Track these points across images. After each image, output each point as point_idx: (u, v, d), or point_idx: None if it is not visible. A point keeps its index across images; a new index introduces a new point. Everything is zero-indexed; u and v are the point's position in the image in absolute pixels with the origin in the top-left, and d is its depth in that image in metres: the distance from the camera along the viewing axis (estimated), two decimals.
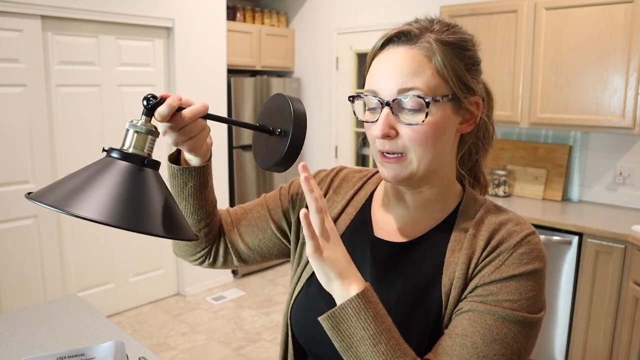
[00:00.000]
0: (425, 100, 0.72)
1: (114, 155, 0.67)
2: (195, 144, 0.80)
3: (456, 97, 0.75)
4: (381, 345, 0.67)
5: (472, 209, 0.81)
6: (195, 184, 0.87)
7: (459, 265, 0.75)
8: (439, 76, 0.73)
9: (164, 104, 0.72)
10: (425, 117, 0.72)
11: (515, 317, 0.70)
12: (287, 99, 0.81)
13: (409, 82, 0.72)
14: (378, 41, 0.78)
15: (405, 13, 3.72)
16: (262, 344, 3.16)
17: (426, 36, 0.75)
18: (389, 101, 0.73)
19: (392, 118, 0.73)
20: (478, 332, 0.70)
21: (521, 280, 0.72)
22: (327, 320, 0.70)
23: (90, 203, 0.61)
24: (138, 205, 0.64)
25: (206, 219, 0.91)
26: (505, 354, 0.69)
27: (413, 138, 0.73)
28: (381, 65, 0.76)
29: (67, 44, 3.11)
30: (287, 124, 0.80)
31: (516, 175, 3.31)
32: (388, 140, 0.74)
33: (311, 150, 4.72)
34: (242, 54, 4.20)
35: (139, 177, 0.66)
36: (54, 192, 0.63)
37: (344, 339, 0.69)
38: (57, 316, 1.54)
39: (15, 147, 2.93)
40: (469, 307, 0.72)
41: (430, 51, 0.73)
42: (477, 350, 0.69)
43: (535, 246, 0.74)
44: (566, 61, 2.81)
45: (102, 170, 0.65)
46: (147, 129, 0.70)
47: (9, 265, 2.96)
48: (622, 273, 2.46)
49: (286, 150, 0.79)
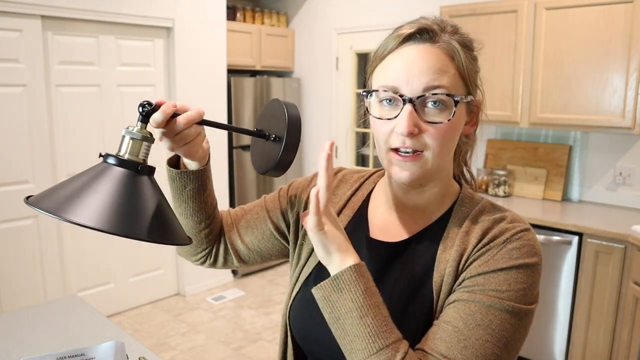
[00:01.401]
0: (455, 99, 0.72)
1: (110, 161, 0.70)
2: (190, 149, 0.81)
3: (471, 98, 0.76)
4: (368, 318, 0.67)
5: (468, 207, 0.81)
6: (194, 187, 0.88)
7: (450, 262, 0.76)
8: (460, 76, 0.74)
9: (159, 111, 0.73)
10: (452, 116, 0.72)
11: (502, 305, 0.70)
12: (282, 104, 0.82)
13: (436, 80, 0.72)
14: (394, 37, 0.76)
15: (405, 13, 3.72)
16: (262, 344, 3.16)
17: (444, 35, 0.75)
18: (412, 98, 0.72)
19: (415, 115, 0.73)
20: (461, 317, 0.70)
21: (510, 273, 0.71)
22: (319, 289, 0.71)
23: (84, 209, 0.63)
24: (130, 212, 0.66)
25: (206, 221, 0.92)
26: (489, 340, 0.69)
27: (435, 136, 0.73)
28: (402, 61, 0.74)
29: (67, 44, 3.11)
30: (282, 130, 0.81)
31: (516, 175, 3.31)
32: (410, 137, 0.73)
33: (311, 150, 4.72)
34: (242, 54, 4.20)
35: (133, 183, 0.68)
36: (51, 197, 0.65)
37: (334, 310, 0.69)
38: (57, 316, 1.54)
39: (15, 147, 2.93)
40: (456, 298, 0.73)
41: (453, 51, 0.74)
42: (457, 334, 0.69)
43: (527, 242, 0.74)
44: (566, 61, 2.81)
45: (98, 176, 0.68)
46: (143, 135, 0.71)
47: (9, 265, 2.96)
48: (622, 273, 2.46)
49: (280, 156, 0.80)
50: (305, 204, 0.94)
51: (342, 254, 0.71)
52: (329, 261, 0.72)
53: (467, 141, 0.85)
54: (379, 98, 0.76)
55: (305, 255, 0.90)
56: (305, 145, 4.76)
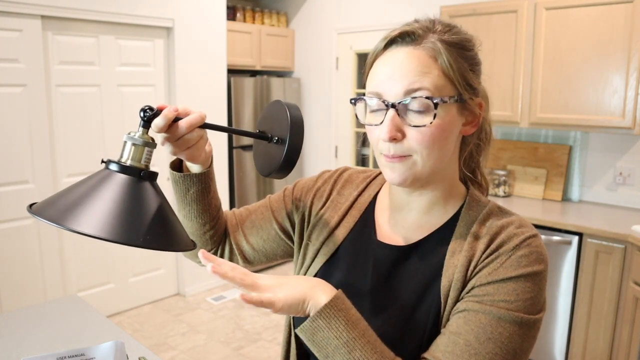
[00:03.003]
0: (434, 101, 0.71)
1: (112, 167, 0.69)
2: (193, 153, 0.81)
3: (462, 98, 0.74)
4: (356, 352, 0.67)
5: (475, 211, 0.80)
6: (198, 189, 0.88)
7: (458, 268, 0.75)
8: (445, 77, 0.72)
9: (160, 116, 0.72)
10: (434, 118, 0.71)
11: (511, 316, 0.69)
12: (285, 105, 0.81)
13: (416, 83, 0.71)
14: (380, 42, 0.76)
15: (405, 13, 3.72)
16: (262, 344, 3.16)
17: (429, 36, 0.73)
18: (394, 103, 0.72)
19: (398, 120, 0.72)
20: (472, 330, 0.70)
21: (519, 282, 0.71)
22: (302, 332, 0.70)
23: (87, 218, 0.62)
24: (133, 219, 0.65)
25: (210, 222, 0.92)
26: (499, 353, 0.69)
27: (420, 140, 0.72)
28: (385, 66, 0.74)
29: (67, 44, 3.11)
30: (285, 132, 0.80)
31: (516, 175, 3.31)
32: (394, 143, 0.73)
33: (311, 150, 4.72)
34: (242, 54, 4.20)
35: (136, 189, 0.68)
36: (54, 205, 0.65)
37: (321, 349, 0.69)
38: (57, 316, 1.54)
39: (15, 147, 2.93)
40: (465, 307, 0.72)
41: (436, 51, 0.72)
42: (469, 348, 0.69)
43: (535, 249, 0.73)
44: (566, 61, 2.81)
45: (100, 183, 0.67)
46: (144, 140, 0.71)
47: (9, 265, 2.96)
48: (622, 273, 2.46)
49: (283, 159, 0.79)
50: (310, 206, 0.94)
51: (311, 299, 0.69)
52: (307, 313, 0.70)
53: (474, 142, 0.83)
54: (365, 104, 0.76)
55: (311, 255, 0.90)
56: (306, 145, 4.76)
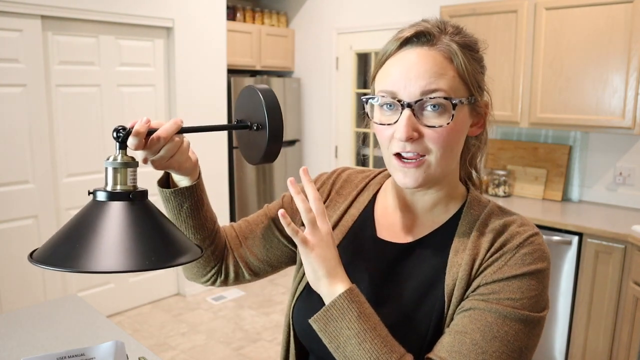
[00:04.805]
0: (453, 102, 0.71)
1: (99, 197, 0.67)
2: (179, 160, 0.78)
3: (474, 100, 0.75)
4: (366, 344, 0.68)
5: (476, 211, 0.81)
6: (191, 204, 0.85)
7: (462, 266, 0.75)
8: (460, 78, 0.73)
9: (132, 133, 0.69)
10: (451, 119, 0.71)
11: (516, 315, 0.70)
12: (257, 90, 0.80)
13: (433, 84, 0.71)
14: (393, 41, 0.76)
15: (405, 13, 3.72)
16: (262, 344, 3.16)
17: (443, 37, 0.74)
18: (410, 102, 0.72)
19: (413, 120, 0.72)
20: (478, 329, 0.70)
21: (524, 280, 0.71)
22: (315, 322, 0.71)
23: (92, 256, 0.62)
24: (136, 245, 0.64)
25: (209, 238, 0.90)
26: (505, 352, 0.69)
27: (436, 140, 0.72)
28: (399, 65, 0.74)
29: (67, 44, 3.11)
30: (262, 116, 0.79)
31: (516, 175, 3.31)
32: (410, 142, 0.73)
33: (311, 150, 4.72)
34: (242, 54, 4.20)
35: (129, 213, 0.66)
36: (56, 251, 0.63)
37: (333, 339, 0.70)
38: (57, 316, 1.54)
39: (15, 147, 2.93)
40: (470, 305, 0.72)
41: (451, 53, 0.73)
42: (476, 347, 0.69)
43: (538, 247, 0.74)
44: (566, 61, 2.81)
45: (94, 216, 0.65)
46: (124, 162, 0.68)
47: (9, 265, 2.96)
48: (622, 273, 2.46)
49: (267, 143, 0.79)
50: None
51: (331, 279, 0.71)
52: (317, 286, 0.72)
53: (476, 143, 0.84)
54: (378, 103, 0.76)
55: None
56: (306, 145, 4.76)
